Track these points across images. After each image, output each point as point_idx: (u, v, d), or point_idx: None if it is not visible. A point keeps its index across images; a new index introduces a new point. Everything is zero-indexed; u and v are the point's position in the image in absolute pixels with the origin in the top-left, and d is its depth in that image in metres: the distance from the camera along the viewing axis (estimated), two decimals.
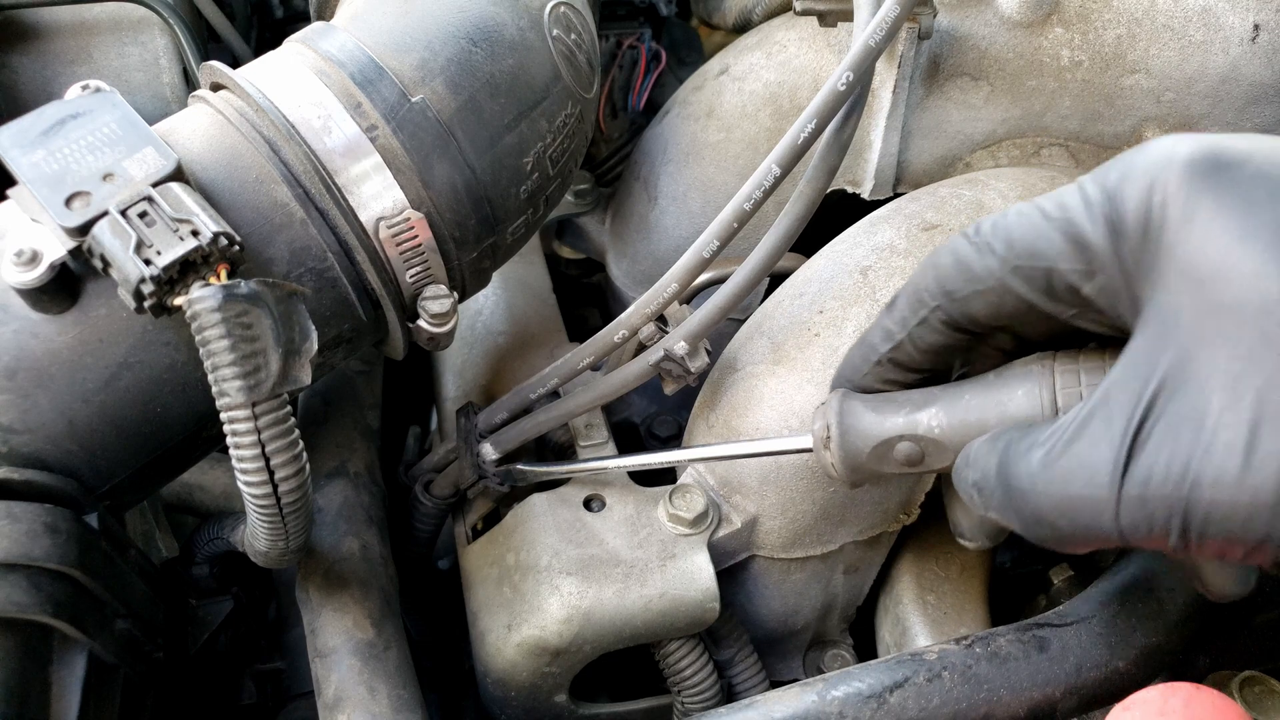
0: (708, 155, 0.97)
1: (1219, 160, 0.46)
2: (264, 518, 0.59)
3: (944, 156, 0.93)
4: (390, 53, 0.69)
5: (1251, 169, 0.45)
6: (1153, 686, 0.56)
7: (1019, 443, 0.52)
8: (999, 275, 0.54)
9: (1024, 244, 0.52)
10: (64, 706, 0.58)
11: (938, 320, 0.57)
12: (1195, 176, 0.46)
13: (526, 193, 0.74)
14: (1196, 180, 0.46)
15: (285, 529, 0.60)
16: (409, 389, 1.11)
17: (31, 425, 0.58)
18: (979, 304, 0.55)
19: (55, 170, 0.56)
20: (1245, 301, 0.43)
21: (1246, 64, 0.84)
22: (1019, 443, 0.52)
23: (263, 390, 0.54)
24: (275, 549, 0.62)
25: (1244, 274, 0.43)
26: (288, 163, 0.64)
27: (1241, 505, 0.44)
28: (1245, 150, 0.46)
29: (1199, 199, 0.45)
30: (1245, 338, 0.43)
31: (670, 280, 0.75)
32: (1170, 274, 0.46)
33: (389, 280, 0.68)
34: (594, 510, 0.79)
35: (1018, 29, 0.86)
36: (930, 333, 0.58)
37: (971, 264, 0.55)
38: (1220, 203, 0.45)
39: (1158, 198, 0.47)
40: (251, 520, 0.60)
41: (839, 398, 0.63)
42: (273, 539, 0.61)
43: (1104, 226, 0.49)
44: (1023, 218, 0.53)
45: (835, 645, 0.91)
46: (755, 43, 0.97)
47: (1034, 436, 0.51)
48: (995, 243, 0.54)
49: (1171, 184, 0.46)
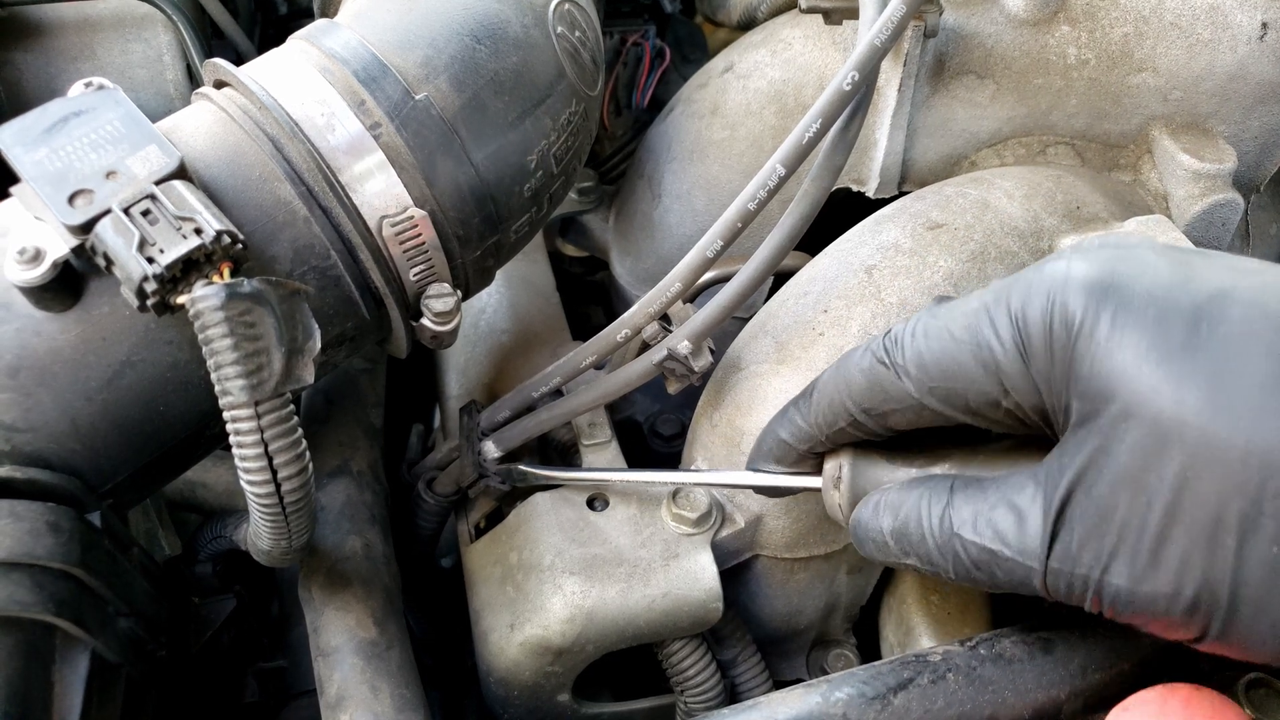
0: (712, 153, 0.97)
1: (1112, 283, 0.50)
2: (267, 516, 0.59)
3: (949, 155, 0.93)
4: (394, 50, 0.68)
5: (1140, 290, 0.50)
6: (1152, 687, 0.56)
7: (958, 507, 0.56)
8: (915, 397, 0.57)
9: (937, 370, 0.56)
10: (66, 705, 0.58)
11: (857, 431, 0.62)
12: (1091, 299, 0.50)
13: (530, 191, 0.74)
14: (1094, 302, 0.50)
15: (288, 528, 0.60)
16: (412, 387, 1.11)
17: (34, 424, 0.58)
18: (898, 419, 0.60)
19: (58, 168, 0.56)
20: (1146, 415, 0.48)
21: (1254, 62, 0.84)
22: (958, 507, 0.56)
23: (266, 389, 0.54)
24: (278, 548, 0.62)
25: (1143, 391, 0.48)
26: (291, 160, 0.64)
27: (1143, 597, 0.50)
28: (1135, 272, 0.51)
29: (1097, 321, 0.50)
30: (1144, 447, 0.48)
31: (674, 279, 0.75)
32: (1081, 387, 0.50)
33: (392, 278, 0.67)
34: (597, 509, 0.78)
35: (1024, 27, 0.86)
36: (848, 437, 0.63)
37: (886, 386, 0.59)
38: (1116, 323, 0.49)
39: (1060, 319, 0.51)
40: (254, 519, 0.60)
41: (852, 449, 0.64)
42: (276, 538, 0.61)
43: (1014, 350, 0.53)
44: (932, 341, 0.56)
45: (839, 645, 0.91)
46: (760, 40, 0.97)
47: (975, 503, 0.56)
48: (909, 366, 0.57)
49: (1071, 305, 0.50)
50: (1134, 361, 0.48)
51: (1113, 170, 0.91)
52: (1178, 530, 0.48)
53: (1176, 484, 0.47)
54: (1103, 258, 0.52)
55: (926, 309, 0.59)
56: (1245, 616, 0.48)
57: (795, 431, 0.66)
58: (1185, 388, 0.47)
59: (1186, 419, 0.47)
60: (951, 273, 0.75)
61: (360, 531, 0.79)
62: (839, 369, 0.62)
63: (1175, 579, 0.48)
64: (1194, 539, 0.47)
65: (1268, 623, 0.48)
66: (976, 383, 0.55)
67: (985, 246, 0.76)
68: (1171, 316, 0.48)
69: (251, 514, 0.60)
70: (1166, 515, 0.48)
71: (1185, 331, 0.48)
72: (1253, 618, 0.48)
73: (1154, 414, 0.47)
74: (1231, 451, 0.46)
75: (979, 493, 0.56)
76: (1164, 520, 0.48)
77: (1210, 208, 0.84)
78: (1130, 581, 0.50)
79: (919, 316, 0.58)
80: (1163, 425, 0.47)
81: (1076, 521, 0.51)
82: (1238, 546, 0.46)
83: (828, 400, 0.63)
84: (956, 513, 0.56)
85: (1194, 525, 0.47)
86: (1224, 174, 0.84)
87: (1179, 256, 0.52)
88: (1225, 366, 0.47)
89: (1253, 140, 0.89)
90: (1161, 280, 0.50)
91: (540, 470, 0.80)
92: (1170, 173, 0.86)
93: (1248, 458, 0.45)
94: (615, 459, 0.85)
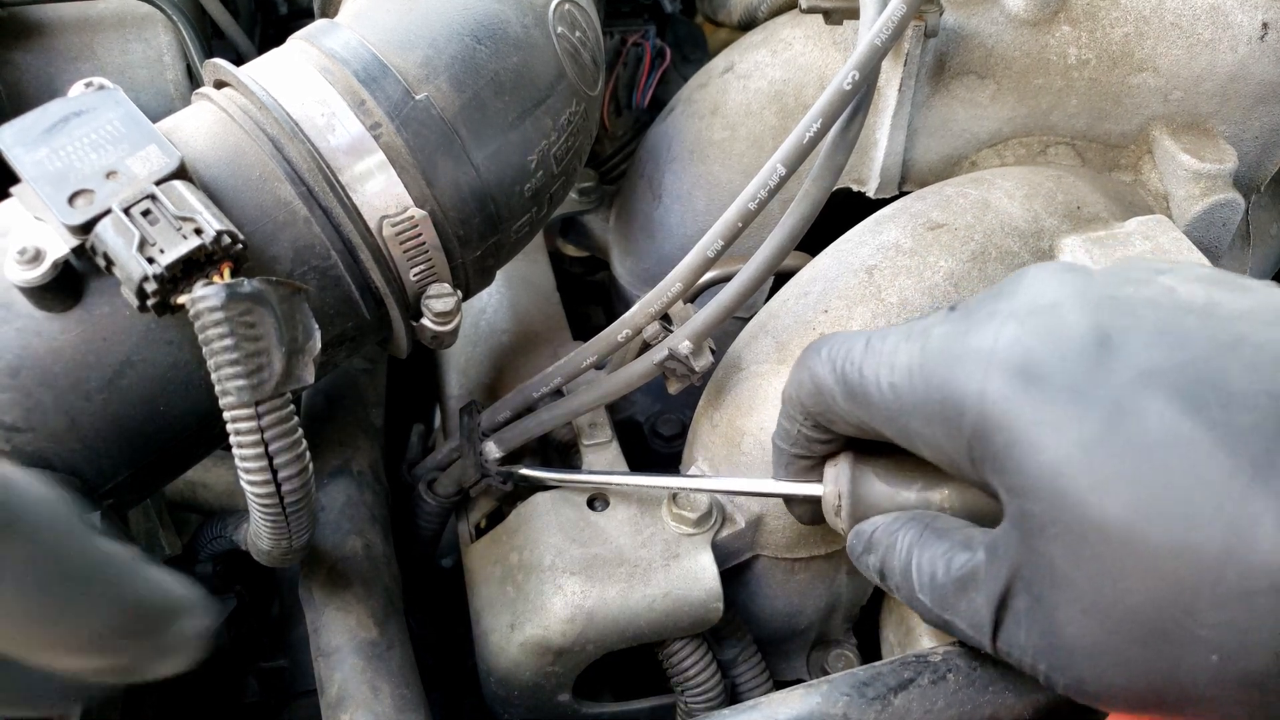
0: (712, 153, 0.97)
1: (1031, 371, 0.48)
2: (267, 517, 0.59)
3: (950, 155, 0.93)
4: (394, 50, 0.68)
5: (1060, 380, 0.48)
6: None
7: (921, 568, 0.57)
8: (851, 422, 0.59)
9: (868, 412, 0.57)
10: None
11: (809, 438, 0.63)
12: (1013, 389, 0.48)
13: (531, 191, 0.74)
14: (1014, 394, 0.48)
15: (288, 528, 0.60)
16: (412, 387, 1.11)
17: (34, 424, 0.58)
18: (842, 428, 0.61)
19: (58, 168, 0.56)
20: (1073, 520, 0.46)
21: (1255, 62, 0.84)
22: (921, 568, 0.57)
23: (266, 390, 0.54)
24: (278, 548, 0.62)
25: (1069, 495, 0.46)
26: (291, 161, 0.64)
27: (1089, 694, 0.50)
28: (1056, 353, 0.48)
29: (1019, 415, 0.48)
30: (1074, 552, 0.47)
31: (674, 279, 0.75)
32: (1008, 481, 0.49)
33: (392, 279, 0.67)
34: (598, 509, 0.78)
35: (1024, 27, 0.86)
36: (810, 442, 0.64)
37: (826, 398, 0.59)
38: (1036, 418, 0.48)
39: (980, 409, 0.49)
40: (254, 519, 0.60)
41: (850, 462, 0.64)
42: (276, 538, 0.61)
43: (940, 429, 0.52)
44: (867, 383, 0.56)
45: (839, 645, 0.91)
46: (760, 40, 0.96)
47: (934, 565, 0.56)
48: (846, 393, 0.58)
49: (991, 395, 0.49)
50: (1056, 462, 0.47)
51: (1113, 170, 0.91)
52: (1116, 639, 0.47)
53: (1110, 591, 0.46)
54: (1026, 332, 0.50)
55: (873, 334, 0.58)
56: (1197, 711, 0.47)
57: (781, 434, 0.66)
58: (1109, 492, 0.45)
59: (1110, 525, 0.45)
60: (952, 273, 0.75)
61: (361, 531, 0.79)
62: (796, 368, 0.62)
63: (1120, 679, 0.48)
64: (1133, 647, 0.46)
65: (1221, 714, 0.47)
66: (903, 442, 0.56)
67: (986, 247, 0.76)
68: (1091, 411, 0.46)
69: (251, 514, 0.60)
70: (1103, 622, 0.47)
71: (1105, 428, 0.46)
72: (1205, 711, 0.47)
73: (1079, 519, 0.46)
74: (1160, 561, 0.44)
75: (940, 554, 0.56)
76: (1102, 627, 0.47)
77: (1211, 208, 0.84)
78: (1074, 680, 0.49)
79: (864, 344, 0.57)
80: (1089, 531, 0.46)
81: (1020, 615, 0.50)
82: (1178, 655, 0.45)
83: (786, 400, 0.64)
84: (919, 574, 0.56)
85: (1132, 634, 0.46)
86: (1225, 174, 0.84)
87: (1108, 323, 0.49)
88: (1147, 468, 0.45)
89: (1253, 140, 0.89)
90: (1083, 365, 0.48)
91: (542, 472, 0.80)
92: (1171, 173, 0.86)
93: (1176, 569, 0.44)
94: (616, 459, 0.85)
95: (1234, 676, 0.44)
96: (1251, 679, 0.44)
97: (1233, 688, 0.45)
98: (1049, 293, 0.52)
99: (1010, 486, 0.49)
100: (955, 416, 0.51)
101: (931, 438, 0.53)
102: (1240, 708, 0.46)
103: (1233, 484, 0.43)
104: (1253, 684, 0.44)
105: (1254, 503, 0.42)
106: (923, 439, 0.54)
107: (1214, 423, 0.44)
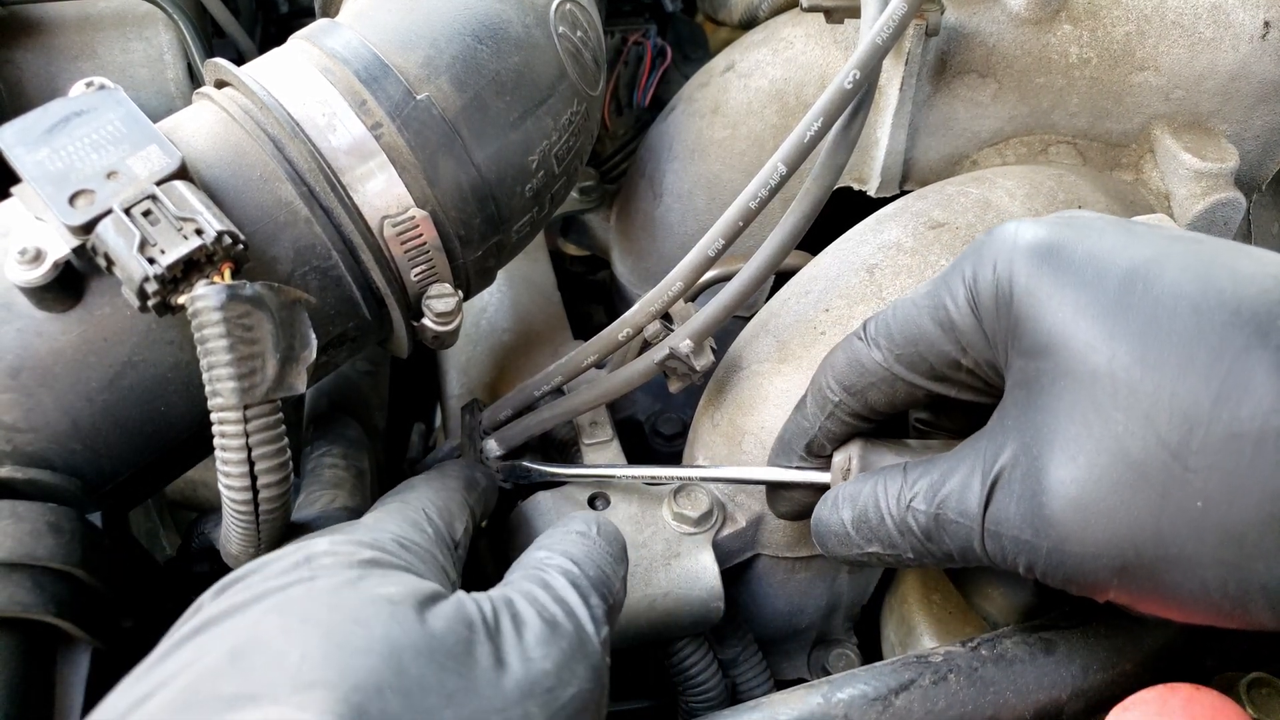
0: (713, 152, 0.97)
1: (1052, 245, 0.52)
2: (239, 521, 0.58)
3: (951, 154, 0.93)
4: (395, 50, 0.68)
5: (1081, 252, 0.51)
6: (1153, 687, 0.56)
7: (912, 484, 0.58)
8: (886, 365, 0.60)
9: (903, 335, 0.59)
10: (67, 705, 0.58)
11: (843, 414, 0.64)
12: (1034, 259, 0.52)
13: (532, 191, 0.74)
14: (1035, 262, 0.52)
15: (258, 536, 0.59)
16: (413, 386, 1.11)
17: (35, 424, 0.58)
18: (875, 395, 0.61)
19: (59, 168, 0.56)
20: (1078, 371, 0.49)
21: (1256, 61, 0.84)
22: (912, 484, 0.58)
23: (256, 394, 0.54)
24: (245, 554, 0.61)
25: (1077, 347, 0.49)
26: (292, 161, 0.64)
27: (1071, 557, 0.50)
28: (1077, 236, 0.52)
29: (1039, 279, 0.51)
30: (1079, 404, 0.49)
31: (675, 278, 0.75)
32: (1022, 344, 0.52)
33: (393, 279, 0.67)
34: (598, 509, 0.78)
35: (1026, 26, 0.86)
36: (838, 425, 0.64)
37: (861, 359, 0.61)
38: (1056, 282, 0.51)
39: (1005, 279, 0.53)
40: (226, 522, 0.59)
41: (859, 439, 0.65)
42: (245, 544, 0.60)
43: (967, 308, 0.55)
44: (899, 310, 0.59)
45: (840, 644, 0.91)
46: (761, 39, 0.96)
47: (928, 476, 0.57)
48: (879, 338, 0.60)
49: (1016, 265, 0.52)
50: (1070, 318, 0.49)
51: (1115, 169, 0.91)
52: (1103, 486, 0.48)
53: (1106, 437, 0.48)
54: (1049, 222, 0.54)
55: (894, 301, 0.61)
56: (1174, 576, 0.48)
57: (793, 428, 0.67)
58: (1116, 342, 0.48)
59: (1116, 374, 0.47)
60: None
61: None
62: (826, 358, 0.64)
63: (1102, 533, 0.48)
64: (1120, 493, 0.47)
65: (1197, 581, 0.47)
66: (937, 344, 0.57)
67: None
68: (1108, 277, 0.49)
69: (224, 517, 0.59)
70: (1092, 468, 0.48)
71: (1120, 290, 0.49)
72: (1182, 576, 0.47)
73: (1087, 370, 0.48)
74: (1157, 405, 0.46)
75: (932, 466, 0.57)
76: (1090, 474, 0.48)
77: (1212, 206, 0.84)
78: (1056, 544, 0.50)
79: (895, 304, 0.61)
80: (1095, 381, 0.48)
81: (1013, 483, 0.52)
82: (1163, 501, 0.46)
83: (816, 385, 0.65)
84: (911, 488, 0.57)
85: (1121, 479, 0.47)
86: (1226, 173, 0.84)
87: (1123, 224, 0.54)
88: (1154, 322, 0.47)
89: (1254, 139, 0.88)
90: (1103, 244, 0.51)
91: (543, 467, 0.80)
92: (1172, 171, 0.86)
93: (1172, 412, 0.46)
94: (616, 458, 0.85)
95: (1215, 526, 0.46)
96: (1232, 530, 0.45)
97: (1212, 542, 0.46)
98: (1068, 210, 0.58)
99: (1024, 349, 0.52)
100: (976, 297, 0.54)
101: (961, 321, 0.55)
102: (1217, 568, 0.46)
103: (1232, 337, 0.46)
104: (1233, 535, 0.45)
105: (1251, 355, 0.45)
106: (936, 347, 0.57)
107: (1222, 290, 0.47)
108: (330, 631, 0.44)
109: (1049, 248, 0.52)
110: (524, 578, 0.55)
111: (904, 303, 0.59)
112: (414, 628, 0.45)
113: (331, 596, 0.47)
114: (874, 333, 0.60)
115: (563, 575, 0.54)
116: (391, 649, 0.44)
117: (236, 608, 0.47)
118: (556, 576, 0.54)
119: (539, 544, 0.60)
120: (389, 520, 0.58)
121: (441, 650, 0.45)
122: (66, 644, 0.59)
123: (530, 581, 0.54)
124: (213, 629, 0.46)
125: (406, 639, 0.44)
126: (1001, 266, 0.53)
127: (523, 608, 0.50)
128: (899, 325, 0.59)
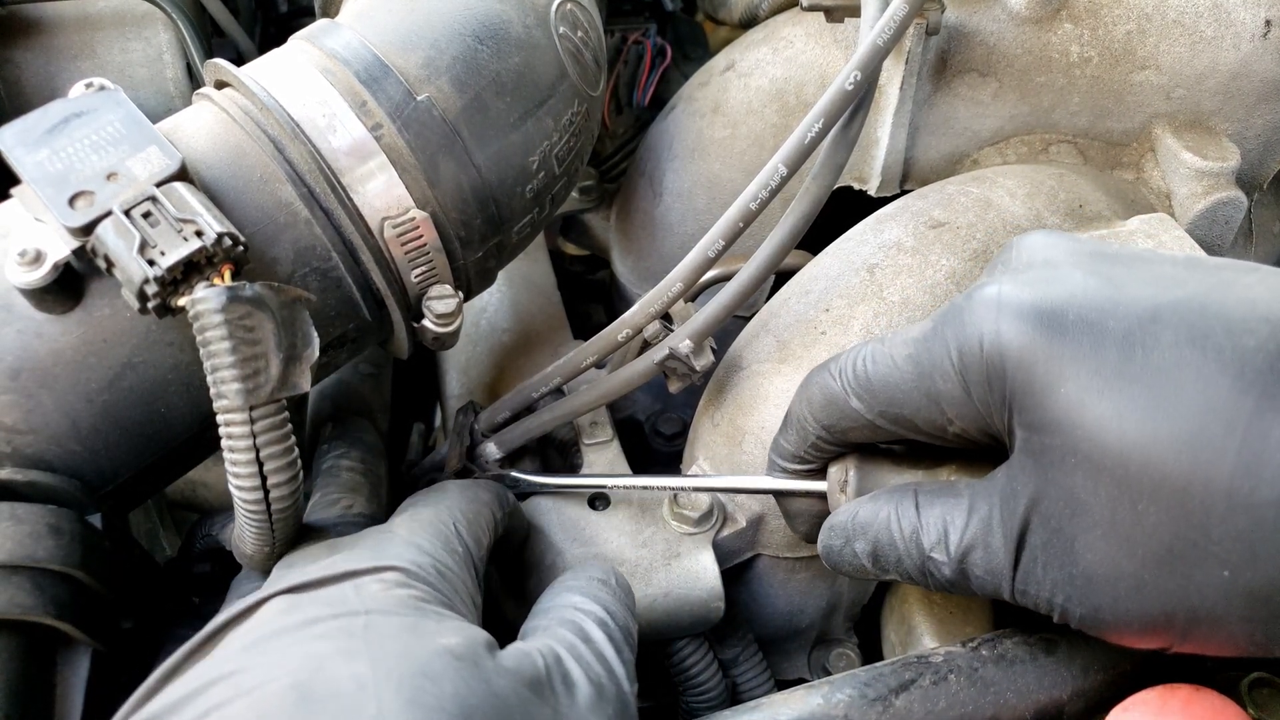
0: (713, 151, 0.97)
1: (1040, 312, 0.50)
2: (252, 521, 0.58)
3: (951, 153, 0.93)
4: (396, 50, 0.68)
5: (1073, 316, 0.50)
6: (1153, 687, 0.56)
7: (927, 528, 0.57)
8: (868, 417, 0.59)
9: (886, 395, 0.57)
10: (67, 707, 0.58)
11: (824, 444, 0.63)
12: (1024, 330, 0.50)
13: (532, 192, 0.74)
14: (1026, 333, 0.50)
15: (273, 535, 0.59)
16: (413, 386, 1.11)
17: (35, 426, 0.58)
18: (856, 435, 0.61)
19: (59, 169, 0.56)
20: (1091, 453, 0.48)
21: (1258, 60, 0.84)
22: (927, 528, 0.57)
23: (261, 394, 0.54)
24: (260, 553, 0.61)
25: (1088, 426, 0.48)
26: (292, 162, 0.64)
27: (1105, 622, 0.51)
28: (1065, 295, 0.51)
29: (1033, 353, 0.50)
30: (1093, 481, 0.49)
31: (675, 278, 0.75)
32: (1025, 418, 0.51)
33: (394, 280, 0.67)
34: (598, 509, 0.78)
35: (1026, 25, 0.86)
36: (822, 450, 0.64)
37: (840, 405, 0.60)
38: (1051, 354, 0.49)
39: (994, 352, 0.51)
40: (240, 522, 0.59)
41: (855, 453, 0.64)
42: (259, 543, 0.60)
43: (955, 380, 0.54)
44: (879, 367, 0.57)
45: (840, 644, 0.91)
46: (761, 38, 0.96)
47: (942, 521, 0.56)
48: (860, 390, 0.59)
49: (1005, 337, 0.51)
50: (1074, 395, 0.49)
51: (1115, 168, 0.91)
52: (1134, 562, 0.49)
53: (1129, 515, 0.48)
54: (1029, 283, 0.52)
55: (875, 337, 0.60)
56: (1204, 631, 0.49)
57: (780, 451, 0.67)
58: (1126, 420, 0.47)
59: (1129, 453, 0.47)
60: (954, 272, 0.75)
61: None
62: (803, 386, 0.63)
63: (1135, 605, 0.50)
64: (1148, 568, 0.49)
65: (1225, 634, 0.49)
66: (923, 410, 0.56)
67: (988, 245, 0.76)
68: (1105, 345, 0.48)
69: (237, 518, 0.59)
70: (1121, 546, 0.49)
71: (1120, 358, 0.48)
72: (1212, 632, 0.49)
73: (1099, 449, 0.48)
74: (1175, 482, 0.46)
75: (945, 509, 0.56)
76: (1121, 551, 0.49)
77: (1213, 206, 0.84)
78: (1091, 610, 0.51)
79: (870, 343, 0.59)
80: (1108, 459, 0.48)
81: (1038, 550, 0.52)
82: (1190, 573, 0.47)
83: (795, 417, 0.64)
84: (926, 535, 0.57)
85: (1148, 556, 0.48)
86: (1227, 172, 0.84)
87: (1105, 272, 0.52)
88: (1161, 395, 0.47)
89: (1256, 138, 0.88)
90: (1093, 302, 0.50)
91: (532, 478, 0.79)
92: (1173, 171, 0.86)
93: (1190, 488, 0.46)
94: (617, 458, 0.85)
95: (1242, 590, 0.46)
96: (1259, 592, 0.46)
97: (1240, 603, 0.47)
98: (1041, 252, 0.55)
99: (1029, 423, 0.51)
100: (964, 369, 0.53)
101: (948, 393, 0.54)
102: (1246, 624, 0.48)
103: (1242, 404, 0.45)
104: (1259, 598, 0.46)
105: (1262, 420, 0.45)
106: (922, 413, 0.56)
107: (1220, 348, 0.47)
108: (402, 684, 0.44)
109: (1037, 315, 0.50)
110: (561, 624, 0.56)
111: (880, 356, 0.57)
112: (480, 687, 0.46)
113: (396, 643, 0.47)
114: (851, 381, 0.59)
115: (600, 628, 0.56)
116: (462, 709, 0.44)
117: (288, 629, 0.48)
118: (594, 629, 0.56)
119: (567, 586, 0.60)
120: (423, 536, 0.58)
121: (505, 712, 0.46)
122: (66, 646, 0.59)
123: (569, 630, 0.55)
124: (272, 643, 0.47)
125: (474, 698, 0.45)
126: (989, 339, 0.51)
127: (571, 667, 0.52)
128: (880, 383, 0.57)
